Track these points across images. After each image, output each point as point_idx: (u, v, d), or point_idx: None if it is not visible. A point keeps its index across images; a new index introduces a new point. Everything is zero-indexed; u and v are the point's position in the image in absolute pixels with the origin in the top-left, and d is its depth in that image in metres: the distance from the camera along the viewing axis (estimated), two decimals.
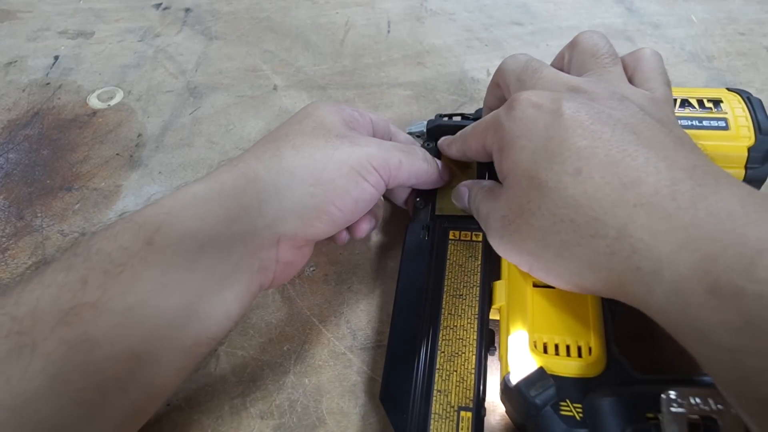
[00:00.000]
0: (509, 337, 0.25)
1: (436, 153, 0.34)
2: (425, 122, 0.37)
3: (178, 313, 0.22)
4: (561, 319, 0.25)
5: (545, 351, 0.24)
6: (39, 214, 0.40)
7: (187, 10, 0.59)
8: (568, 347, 0.24)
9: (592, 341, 0.24)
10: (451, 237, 0.30)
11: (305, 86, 0.49)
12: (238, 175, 0.25)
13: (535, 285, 0.26)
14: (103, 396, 0.20)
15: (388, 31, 0.56)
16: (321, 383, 0.30)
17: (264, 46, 0.54)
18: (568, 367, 0.24)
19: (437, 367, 0.26)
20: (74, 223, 0.39)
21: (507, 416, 0.27)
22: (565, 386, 0.23)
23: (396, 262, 0.35)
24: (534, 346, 0.25)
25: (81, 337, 0.19)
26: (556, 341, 0.25)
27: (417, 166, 0.30)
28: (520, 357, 0.24)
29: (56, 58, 0.53)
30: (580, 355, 0.24)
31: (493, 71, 0.31)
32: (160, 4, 0.60)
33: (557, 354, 0.24)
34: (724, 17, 0.56)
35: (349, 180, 0.26)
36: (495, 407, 0.27)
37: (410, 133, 0.37)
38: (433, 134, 0.37)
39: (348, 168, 0.26)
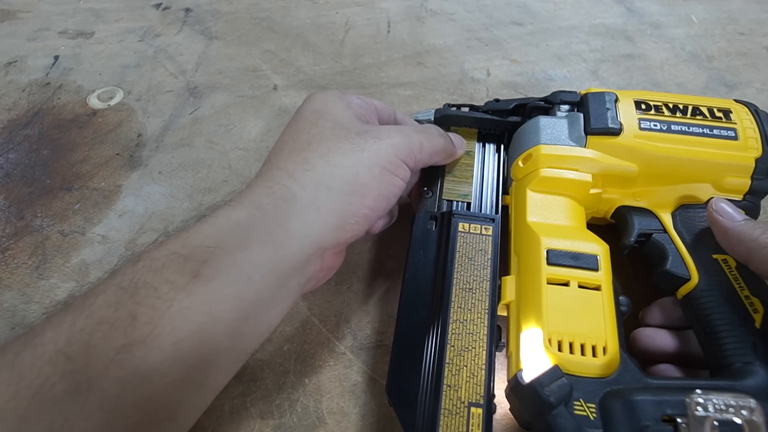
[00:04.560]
0: (522, 334, 0.25)
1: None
2: (433, 110, 0.37)
3: (224, 339, 0.22)
4: (576, 317, 0.25)
5: (560, 349, 0.24)
6: (39, 214, 0.40)
7: (187, 10, 0.59)
8: (582, 346, 0.24)
9: (607, 340, 0.24)
10: (460, 229, 0.30)
11: (305, 86, 0.49)
12: (276, 198, 0.25)
13: (550, 282, 0.26)
14: (155, 426, 0.21)
15: (388, 31, 0.56)
16: (321, 383, 0.30)
17: (264, 46, 0.54)
18: (582, 366, 0.24)
19: (447, 361, 0.25)
20: (74, 223, 0.39)
21: (510, 413, 0.26)
22: (578, 385, 0.23)
23: (396, 262, 0.35)
24: (548, 343, 0.24)
25: (133, 373, 0.20)
26: (570, 340, 0.25)
27: (435, 143, 0.30)
28: (533, 354, 0.24)
29: (56, 58, 0.53)
30: (594, 355, 0.24)
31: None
32: (160, 4, 0.60)
33: (572, 353, 0.24)
34: (724, 17, 0.56)
35: (381, 180, 0.26)
36: (497, 404, 0.27)
37: (417, 121, 0.37)
38: (440, 123, 0.37)
39: (379, 169, 0.26)
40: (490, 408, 0.24)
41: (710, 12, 0.57)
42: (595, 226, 0.32)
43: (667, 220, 0.30)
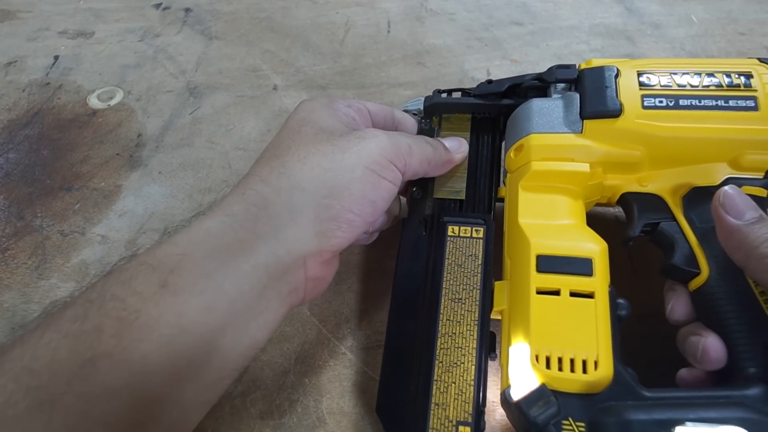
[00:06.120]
0: (510, 349, 0.24)
1: (432, 133, 0.34)
2: (422, 99, 0.35)
3: (198, 352, 0.21)
4: (565, 329, 0.24)
5: (548, 366, 0.23)
6: (39, 214, 0.40)
7: (187, 10, 0.59)
8: (572, 361, 0.23)
9: (599, 354, 0.23)
10: (450, 233, 0.29)
11: (305, 86, 0.49)
12: (248, 204, 0.24)
13: (539, 291, 0.25)
14: None
15: (388, 31, 0.56)
16: (321, 383, 0.30)
17: (264, 46, 0.54)
18: (571, 383, 0.22)
19: (435, 378, 0.24)
20: (74, 223, 0.39)
21: (507, 418, 0.26)
22: (567, 403, 0.22)
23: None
24: (536, 360, 0.23)
25: (99, 389, 0.19)
26: (560, 355, 0.23)
27: (426, 150, 0.29)
28: (520, 372, 0.23)
29: (56, 58, 0.53)
30: (585, 370, 0.22)
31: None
32: (160, 4, 0.60)
33: (560, 369, 0.23)
34: (724, 17, 0.56)
35: (364, 183, 0.25)
36: (494, 408, 0.27)
37: (406, 111, 0.35)
38: (430, 111, 0.34)
39: (362, 169, 0.25)
40: (478, 426, 0.23)
41: (710, 12, 0.57)
42: (601, 218, 0.31)
43: (677, 206, 0.27)
